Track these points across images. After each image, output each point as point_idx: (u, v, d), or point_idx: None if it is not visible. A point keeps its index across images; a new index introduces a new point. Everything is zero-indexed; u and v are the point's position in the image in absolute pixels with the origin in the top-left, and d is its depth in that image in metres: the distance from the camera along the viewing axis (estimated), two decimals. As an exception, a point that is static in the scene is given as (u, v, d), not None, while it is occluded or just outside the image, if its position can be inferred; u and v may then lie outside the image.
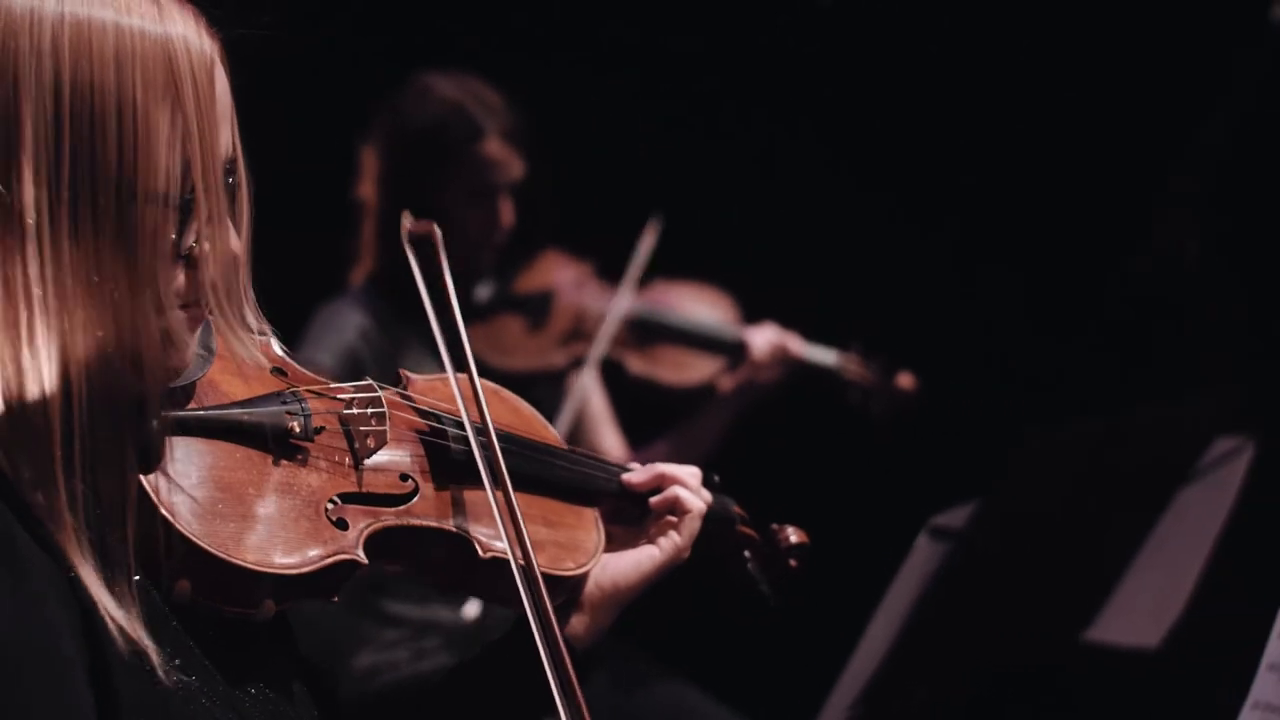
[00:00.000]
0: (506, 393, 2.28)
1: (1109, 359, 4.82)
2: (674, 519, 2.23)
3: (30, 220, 1.75)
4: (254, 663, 1.93)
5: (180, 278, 1.84)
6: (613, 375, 4.48)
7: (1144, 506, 3.39)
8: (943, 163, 4.93)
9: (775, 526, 2.42)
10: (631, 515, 2.25)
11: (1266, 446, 3.37)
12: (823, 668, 3.33)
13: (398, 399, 2.09)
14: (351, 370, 4.04)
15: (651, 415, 4.53)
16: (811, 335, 4.54)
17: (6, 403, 1.75)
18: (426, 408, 2.11)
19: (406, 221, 2.22)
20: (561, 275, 4.53)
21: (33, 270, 1.76)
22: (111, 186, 1.77)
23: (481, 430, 2.08)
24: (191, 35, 1.83)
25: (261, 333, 1.98)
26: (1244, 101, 4.63)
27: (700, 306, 4.60)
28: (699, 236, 4.58)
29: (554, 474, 2.19)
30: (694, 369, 4.55)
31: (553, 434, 2.26)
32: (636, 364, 4.52)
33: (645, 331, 4.53)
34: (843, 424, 4.55)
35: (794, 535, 2.41)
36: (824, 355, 4.53)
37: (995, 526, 3.31)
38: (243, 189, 1.91)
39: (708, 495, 2.27)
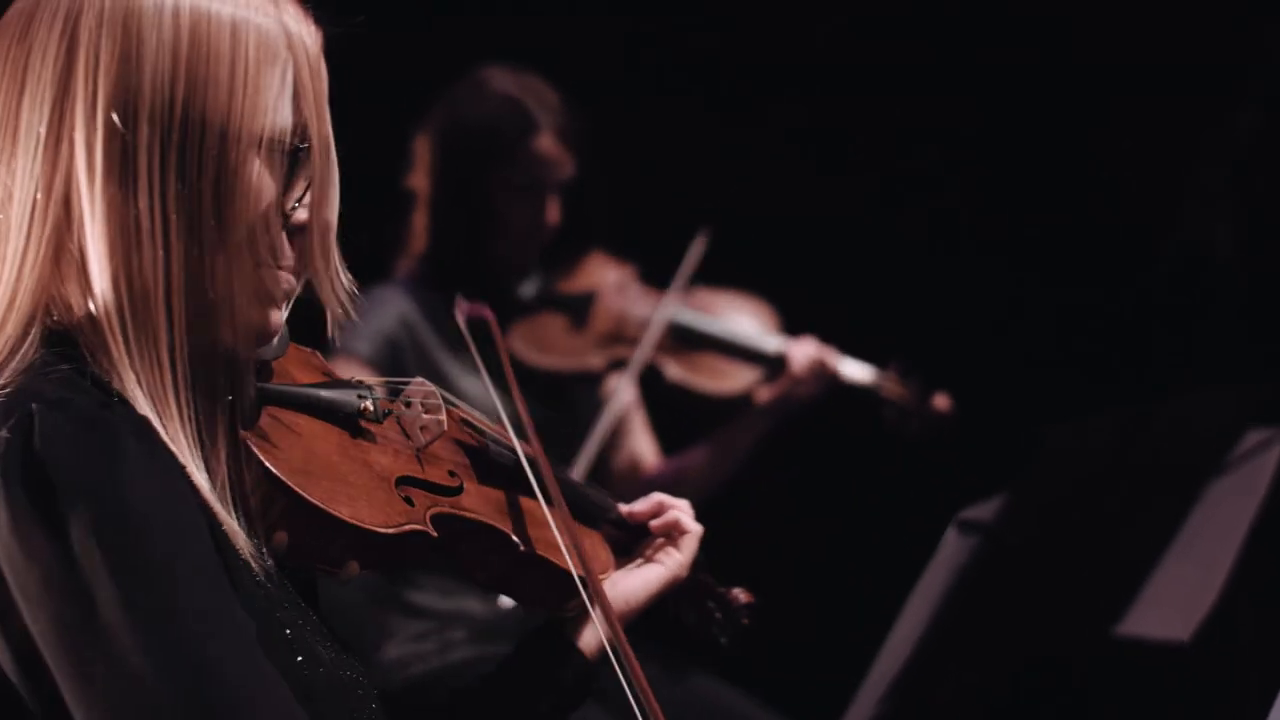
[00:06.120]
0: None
1: (1138, 356, 4.80)
2: (674, 539, 2.36)
3: (143, 160, 1.87)
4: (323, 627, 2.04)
5: (280, 239, 1.95)
6: (649, 380, 4.48)
7: (1175, 499, 3.39)
8: (978, 176, 4.93)
9: (722, 590, 2.51)
10: (625, 546, 2.38)
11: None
12: (852, 663, 3.35)
13: (452, 408, 2.23)
14: (389, 358, 4.06)
15: (685, 422, 4.53)
16: (849, 350, 4.51)
17: (120, 310, 1.86)
18: (477, 423, 2.26)
19: (460, 305, 2.42)
20: (605, 278, 4.53)
21: (143, 203, 1.87)
22: (218, 130, 1.89)
23: (529, 461, 2.24)
24: (306, 30, 1.96)
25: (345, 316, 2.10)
26: (1273, 88, 4.60)
27: (742, 316, 4.58)
28: (744, 246, 4.58)
29: (572, 495, 2.31)
30: (732, 378, 4.53)
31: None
32: (674, 370, 4.51)
33: (685, 338, 4.51)
34: (873, 437, 4.54)
35: (743, 596, 2.50)
36: (862, 372, 4.50)
37: (1023, 520, 3.31)
38: (334, 171, 2.00)
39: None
